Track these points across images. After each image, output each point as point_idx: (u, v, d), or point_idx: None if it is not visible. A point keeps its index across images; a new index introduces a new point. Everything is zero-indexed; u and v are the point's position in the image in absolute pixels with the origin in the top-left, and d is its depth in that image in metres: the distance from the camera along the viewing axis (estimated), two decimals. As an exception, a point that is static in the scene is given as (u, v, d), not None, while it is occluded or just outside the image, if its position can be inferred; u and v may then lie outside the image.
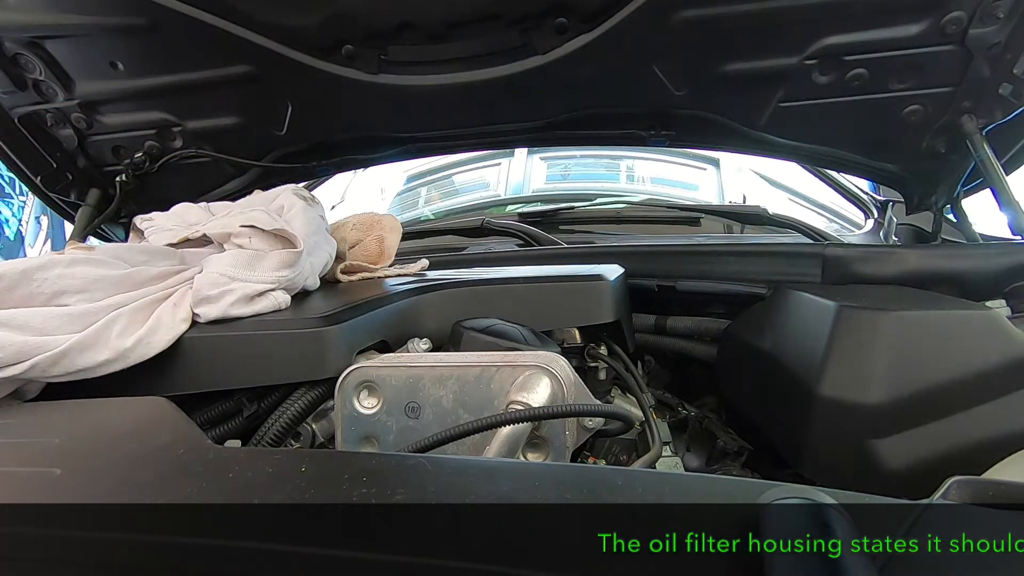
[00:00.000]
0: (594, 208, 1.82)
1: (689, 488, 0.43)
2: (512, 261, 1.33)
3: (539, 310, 0.89)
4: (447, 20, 1.09)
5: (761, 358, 0.87)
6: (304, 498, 0.41)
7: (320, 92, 1.23)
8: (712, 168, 2.18)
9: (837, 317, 0.71)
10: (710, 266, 1.13)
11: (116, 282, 0.73)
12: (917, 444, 0.66)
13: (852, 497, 0.39)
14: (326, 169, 1.50)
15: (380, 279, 1.06)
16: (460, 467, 0.47)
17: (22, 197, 4.26)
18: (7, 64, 1.18)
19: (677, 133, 1.34)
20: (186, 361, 0.71)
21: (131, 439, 0.56)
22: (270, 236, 0.82)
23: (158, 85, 1.23)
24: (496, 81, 1.17)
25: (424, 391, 0.66)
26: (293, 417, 0.71)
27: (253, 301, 0.76)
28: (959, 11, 1.01)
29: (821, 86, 1.14)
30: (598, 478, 0.45)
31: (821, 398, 0.69)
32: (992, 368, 0.66)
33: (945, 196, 1.30)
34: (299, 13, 1.09)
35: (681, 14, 1.05)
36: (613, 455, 0.85)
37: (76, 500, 0.45)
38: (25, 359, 0.63)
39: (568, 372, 0.66)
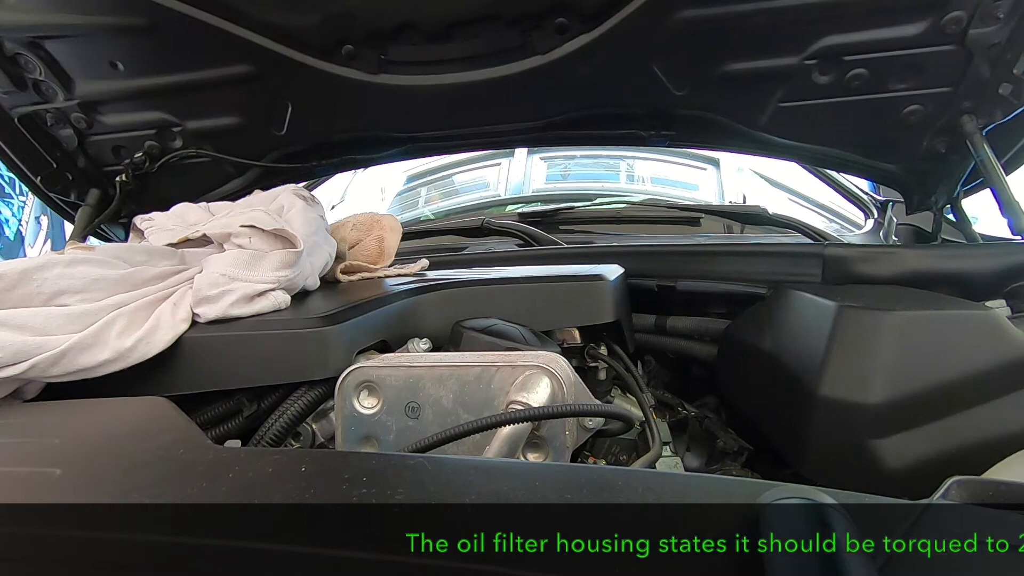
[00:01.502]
0: (594, 208, 1.82)
1: (689, 488, 0.43)
2: (512, 261, 1.33)
3: (539, 310, 0.89)
4: (447, 20, 1.09)
5: (761, 358, 0.87)
6: (304, 498, 0.41)
7: (320, 92, 1.23)
8: (712, 168, 2.18)
9: (837, 317, 0.71)
10: (710, 266, 1.13)
11: (116, 282, 0.73)
12: (917, 444, 0.66)
13: (852, 497, 0.39)
14: (326, 169, 1.50)
15: (380, 279, 1.06)
16: (460, 467, 0.47)
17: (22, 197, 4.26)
18: (7, 64, 1.18)
19: (677, 133, 1.34)
20: (186, 361, 0.71)
21: (131, 439, 0.56)
22: (270, 236, 0.82)
23: (158, 85, 1.23)
24: (496, 81, 1.17)
25: (424, 391, 0.66)
26: (293, 417, 0.71)
27: (253, 301, 0.76)
28: (959, 11, 1.01)
29: (821, 86, 1.14)
30: (598, 478, 0.45)
31: (821, 398, 0.69)
32: (992, 368, 0.66)
33: (945, 196, 1.30)
34: (299, 13, 1.09)
35: (681, 14, 1.05)
36: (613, 455, 0.85)
37: (76, 500, 0.45)
38: (25, 359, 0.63)
39: (568, 372, 0.66)
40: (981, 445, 0.64)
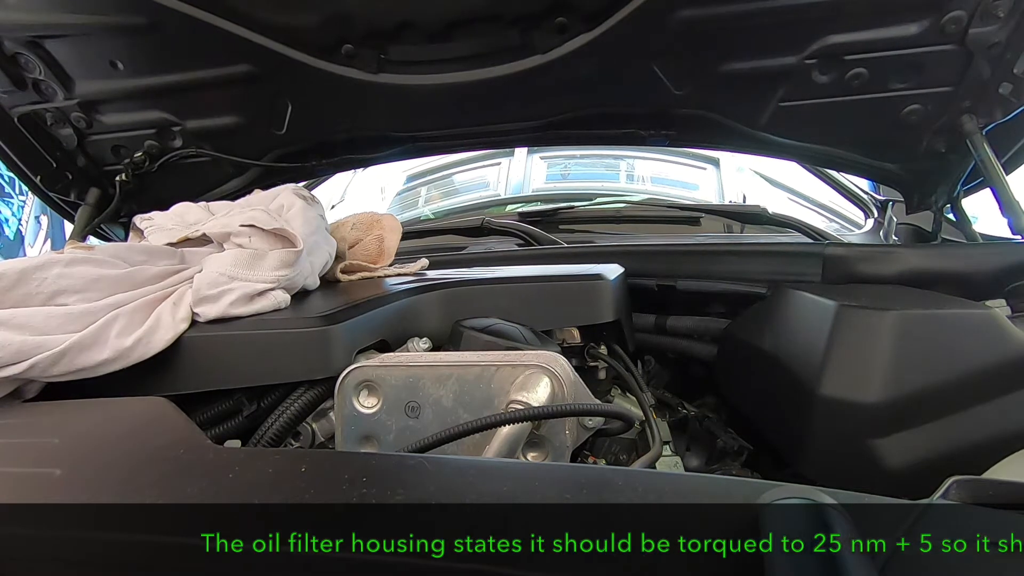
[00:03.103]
0: (594, 208, 1.82)
1: (689, 488, 0.43)
2: (512, 261, 1.33)
3: (539, 310, 0.89)
4: (447, 19, 1.09)
5: (761, 358, 0.87)
6: (304, 498, 0.41)
7: (320, 92, 1.23)
8: (712, 168, 2.18)
9: (837, 316, 0.71)
10: (710, 266, 1.13)
11: (116, 281, 0.73)
12: (917, 443, 0.66)
13: (852, 497, 0.39)
14: (326, 169, 1.50)
15: (380, 279, 1.06)
16: (460, 467, 0.47)
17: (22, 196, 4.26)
18: (7, 63, 1.18)
19: (677, 132, 1.34)
20: (186, 360, 0.71)
21: (131, 439, 0.56)
22: (270, 235, 0.82)
23: (158, 84, 1.23)
24: (496, 81, 1.17)
25: (424, 391, 0.66)
26: (293, 416, 0.71)
27: (253, 300, 0.76)
28: (959, 10, 1.01)
29: (821, 85, 1.14)
30: (598, 478, 0.45)
31: (821, 397, 0.69)
32: (992, 367, 0.66)
33: (945, 196, 1.30)
34: (299, 13, 1.09)
35: (681, 13, 1.05)
36: (613, 455, 0.85)
37: (76, 500, 0.45)
38: (25, 359, 0.63)
39: (568, 372, 0.66)
40: (981, 445, 0.65)
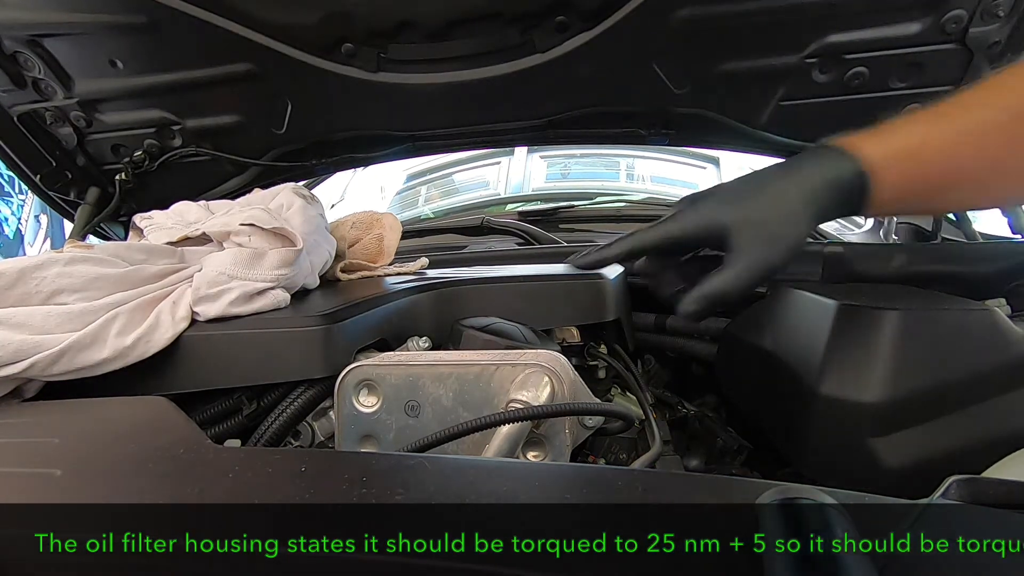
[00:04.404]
0: (594, 207, 1.82)
1: (689, 488, 0.43)
2: (512, 260, 1.33)
3: (539, 309, 0.89)
4: (447, 18, 1.09)
5: (761, 357, 0.87)
6: (304, 498, 0.41)
7: (320, 90, 1.22)
8: (712, 167, 2.18)
9: (837, 315, 0.71)
10: (710, 265, 1.13)
11: (115, 280, 0.73)
12: (917, 442, 0.66)
13: (852, 497, 0.39)
14: (325, 167, 1.50)
15: (380, 278, 1.06)
16: (460, 467, 0.47)
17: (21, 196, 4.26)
18: (6, 62, 1.18)
19: (677, 131, 1.34)
20: (186, 359, 0.71)
21: (131, 439, 0.56)
22: (270, 234, 0.82)
23: (157, 83, 1.23)
24: (496, 79, 1.17)
25: (424, 389, 0.66)
26: (293, 415, 0.71)
27: (253, 299, 0.76)
28: (959, 9, 1.01)
29: (821, 84, 1.14)
30: (598, 478, 0.45)
31: (821, 396, 0.69)
32: (992, 367, 0.66)
33: (945, 195, 1.29)
34: (299, 11, 1.09)
35: (681, 12, 1.05)
36: (613, 454, 0.85)
37: (76, 500, 0.45)
38: (24, 358, 0.63)
39: (568, 371, 0.66)
40: (981, 444, 0.64)
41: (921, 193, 0.63)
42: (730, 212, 0.62)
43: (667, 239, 0.67)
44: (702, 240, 0.65)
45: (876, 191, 0.61)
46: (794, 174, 0.63)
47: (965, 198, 0.69)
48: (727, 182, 0.68)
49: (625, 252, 0.70)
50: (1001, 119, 0.59)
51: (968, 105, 0.61)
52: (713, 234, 0.63)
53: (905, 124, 0.64)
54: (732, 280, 0.60)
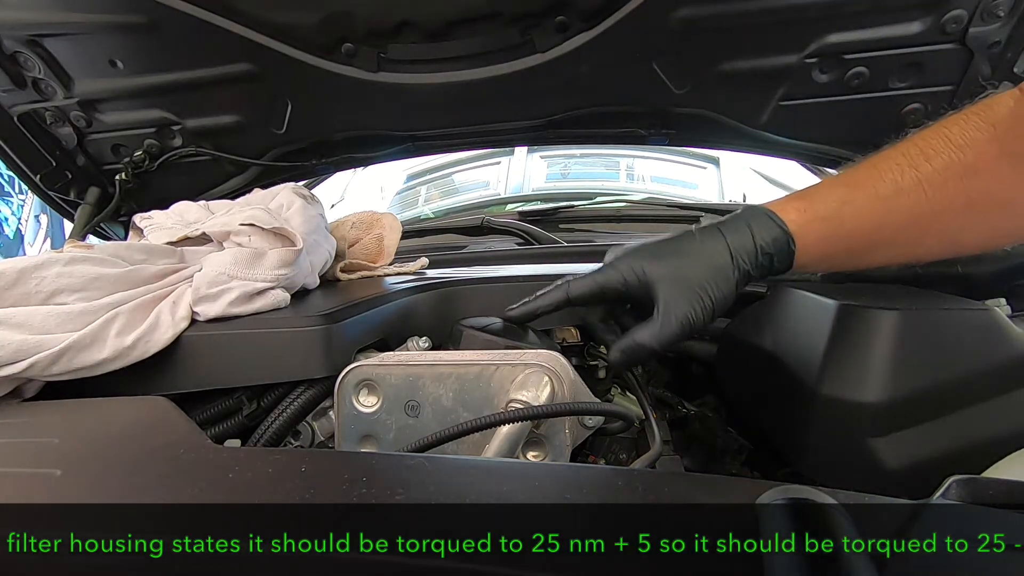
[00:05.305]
0: (594, 207, 1.82)
1: (689, 488, 0.43)
2: (512, 260, 1.33)
3: (539, 309, 0.89)
4: (447, 18, 1.09)
5: (761, 357, 0.86)
6: (304, 498, 0.41)
7: (319, 90, 1.22)
8: (712, 167, 2.18)
9: (837, 315, 0.71)
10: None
11: (115, 280, 0.73)
12: (917, 442, 0.66)
13: (852, 497, 0.39)
14: (325, 167, 1.50)
15: (380, 278, 1.06)
16: (460, 467, 0.47)
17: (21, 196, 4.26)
18: (6, 62, 1.18)
19: (677, 131, 1.34)
20: (186, 359, 0.71)
21: (131, 439, 0.56)
22: (269, 234, 0.82)
23: (157, 83, 1.23)
24: (496, 79, 1.17)
25: (424, 389, 0.66)
26: (293, 415, 0.71)
27: (252, 299, 0.76)
28: (960, 9, 1.01)
29: (821, 84, 1.14)
30: (598, 478, 0.45)
31: (821, 396, 0.69)
32: (992, 367, 0.66)
33: (945, 195, 1.29)
34: (299, 11, 1.09)
35: (681, 12, 1.05)
36: (613, 454, 0.85)
37: (76, 500, 0.45)
38: (24, 358, 0.63)
39: (568, 371, 0.66)
40: (981, 444, 0.64)
41: (843, 252, 0.68)
42: (659, 267, 0.65)
43: (596, 290, 0.69)
44: (631, 291, 0.67)
45: (799, 252, 0.65)
46: (723, 235, 0.66)
47: (892, 255, 0.72)
48: (659, 238, 0.70)
49: (556, 303, 0.73)
50: (906, 184, 0.63)
51: (881, 169, 0.65)
52: (642, 287, 0.66)
53: (826, 188, 0.68)
54: (656, 334, 0.64)
